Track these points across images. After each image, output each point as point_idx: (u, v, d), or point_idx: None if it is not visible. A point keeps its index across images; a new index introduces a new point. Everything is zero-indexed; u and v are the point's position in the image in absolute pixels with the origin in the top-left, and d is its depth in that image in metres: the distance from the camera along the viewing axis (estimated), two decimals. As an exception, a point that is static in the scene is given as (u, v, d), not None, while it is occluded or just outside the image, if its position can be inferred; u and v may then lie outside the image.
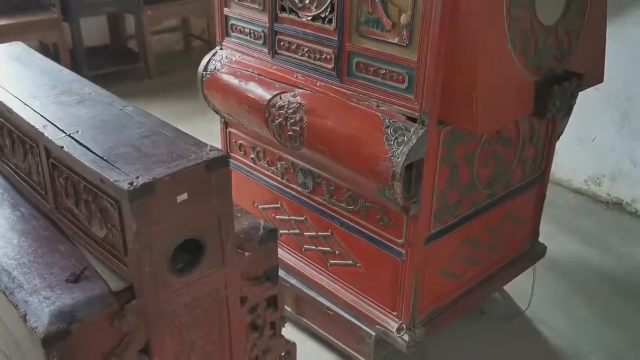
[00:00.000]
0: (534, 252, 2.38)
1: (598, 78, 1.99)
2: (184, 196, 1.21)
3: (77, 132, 1.34)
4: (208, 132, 2.56)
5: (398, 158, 1.64)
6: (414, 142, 1.63)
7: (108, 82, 4.83)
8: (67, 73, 1.72)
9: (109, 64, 4.79)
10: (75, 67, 4.53)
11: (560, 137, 2.23)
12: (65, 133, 1.33)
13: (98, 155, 1.24)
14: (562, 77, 1.79)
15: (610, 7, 1.96)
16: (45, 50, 4.71)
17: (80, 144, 1.29)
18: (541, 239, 2.44)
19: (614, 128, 3.05)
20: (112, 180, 1.16)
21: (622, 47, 2.83)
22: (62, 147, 1.28)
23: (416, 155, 1.65)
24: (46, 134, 1.33)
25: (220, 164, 1.25)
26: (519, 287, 2.46)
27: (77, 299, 1.21)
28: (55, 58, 4.59)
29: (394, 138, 1.66)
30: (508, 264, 2.29)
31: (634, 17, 2.81)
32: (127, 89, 4.80)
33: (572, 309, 2.51)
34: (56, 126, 1.36)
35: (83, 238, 1.35)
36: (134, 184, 1.14)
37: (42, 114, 1.42)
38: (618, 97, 2.95)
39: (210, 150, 1.27)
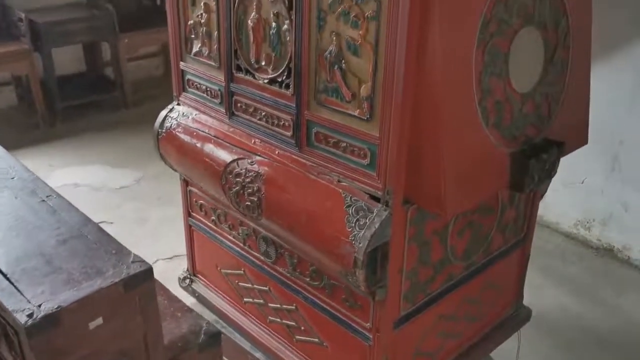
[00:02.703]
0: (518, 316, 2.22)
1: (581, 141, 1.84)
2: (99, 321, 1.05)
3: (-15, 235, 1.18)
4: (174, 174, 2.36)
5: (360, 243, 1.48)
6: (376, 225, 1.47)
7: (82, 113, 4.68)
8: (-5, 148, 1.56)
9: (83, 94, 4.62)
10: (47, 99, 4.37)
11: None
12: (-29, 239, 1.17)
13: (1, 272, 1.08)
14: (540, 147, 1.63)
15: (603, 48, 1.81)
16: (18, 81, 4.55)
17: (-15, 254, 1.13)
18: (528, 290, 2.28)
19: (604, 171, 2.90)
20: (10, 309, 1.00)
21: (615, 91, 2.69)
22: (-38, 260, 1.12)
23: (380, 240, 1.49)
24: (-52, 241, 1.17)
25: (142, 279, 1.09)
26: (505, 350, 2.28)
27: None
28: (27, 90, 4.43)
29: (355, 220, 1.50)
30: (490, 332, 2.12)
31: (627, 60, 2.66)
32: (103, 119, 4.65)
33: (561, 373, 2.35)
34: (-37, 228, 1.20)
35: (-7, 357, 1.19)
36: (34, 316, 0.98)
37: (-48, 210, 1.26)
38: (609, 140, 2.80)
39: (132, 262, 1.11)
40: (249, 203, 1.77)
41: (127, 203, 3.54)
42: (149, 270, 1.10)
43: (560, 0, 1.62)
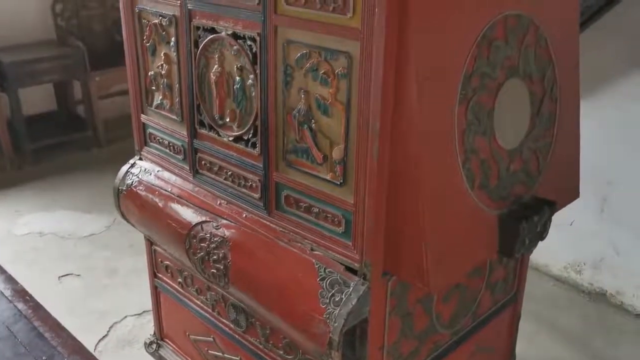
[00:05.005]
0: (510, 378, 2.07)
1: (573, 195, 1.72)
2: None
3: None
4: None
5: (335, 322, 1.33)
6: (353, 302, 1.32)
7: (53, 154, 4.50)
8: None
9: (53, 133, 4.45)
10: (14, 140, 4.19)
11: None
12: None
13: None
14: (530, 206, 1.50)
15: (588, 87, 1.69)
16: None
17: None
18: (518, 340, 2.13)
19: (593, 212, 2.79)
20: None
21: (603, 130, 2.59)
22: None
23: (357, 318, 1.34)
24: None
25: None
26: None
27: None
28: (-7, 131, 4.25)
29: (330, 295, 1.35)
30: (481, 397, 1.97)
31: (612, 98, 2.57)
32: (74, 160, 4.47)
33: None
34: None
35: None
36: None
37: None
38: (597, 180, 2.69)
39: (65, 373, 0.95)
40: (214, 271, 1.61)
41: (96, 252, 3.35)
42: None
43: (546, 48, 1.51)
